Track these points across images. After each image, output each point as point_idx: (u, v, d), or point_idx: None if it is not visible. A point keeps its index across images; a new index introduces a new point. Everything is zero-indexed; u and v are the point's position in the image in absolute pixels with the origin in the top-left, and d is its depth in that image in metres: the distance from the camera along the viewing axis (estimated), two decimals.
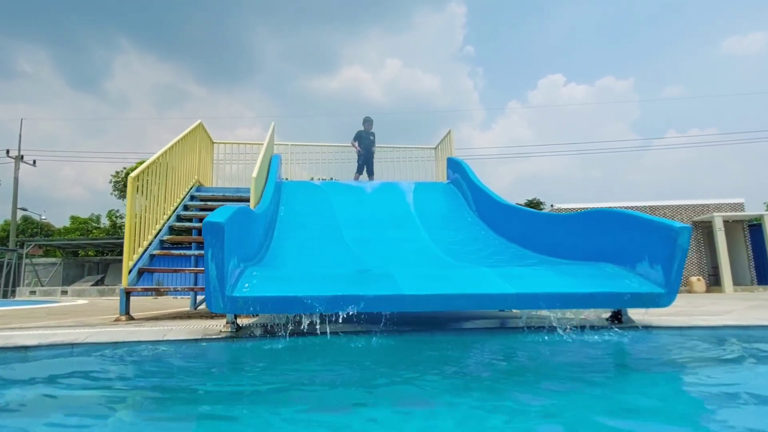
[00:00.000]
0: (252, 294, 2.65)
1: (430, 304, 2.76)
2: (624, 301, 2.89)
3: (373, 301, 2.70)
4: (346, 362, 2.41)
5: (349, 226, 5.63)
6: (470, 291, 2.81)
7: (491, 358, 2.47)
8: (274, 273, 3.14)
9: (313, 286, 2.80)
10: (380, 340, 2.86)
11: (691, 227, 2.85)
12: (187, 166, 6.73)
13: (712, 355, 2.54)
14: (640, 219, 3.15)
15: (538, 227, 4.66)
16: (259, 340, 2.90)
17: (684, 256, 2.86)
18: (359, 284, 2.85)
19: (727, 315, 4.45)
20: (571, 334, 3.00)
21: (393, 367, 2.21)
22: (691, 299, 9.92)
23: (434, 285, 2.94)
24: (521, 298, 2.81)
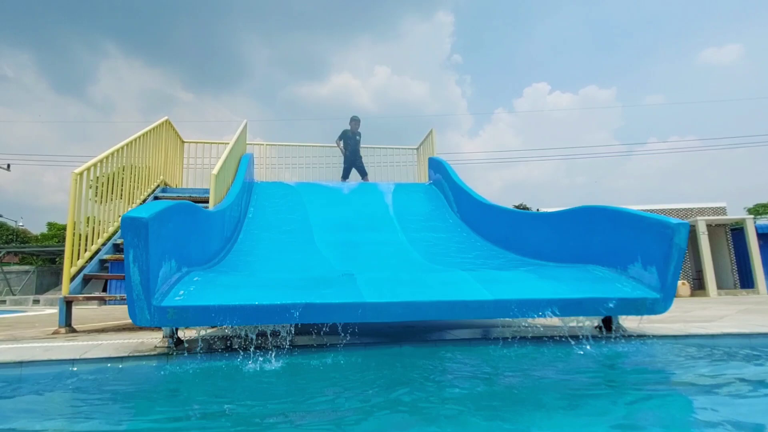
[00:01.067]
0: (186, 303, 2.25)
1: (395, 314, 2.40)
2: (614, 307, 2.57)
3: (328, 310, 2.32)
4: (291, 386, 2.02)
5: (321, 228, 5.25)
6: (442, 298, 2.45)
7: (459, 377, 2.10)
8: (222, 279, 2.74)
9: (259, 294, 2.41)
10: (339, 356, 2.48)
11: (689, 224, 2.55)
12: (151, 165, 6.28)
13: (714, 369, 2.22)
14: (632, 215, 2.84)
15: (521, 228, 4.34)
16: (204, 358, 2.49)
17: (681, 256, 2.55)
18: (313, 291, 2.46)
19: (722, 321, 4.17)
20: (557, 345, 2.66)
21: (338, 395, 1.83)
22: (678, 303, 9.73)
23: (403, 291, 2.58)
24: (500, 305, 2.46)
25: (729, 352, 2.60)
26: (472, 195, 5.55)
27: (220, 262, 3.70)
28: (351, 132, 7.85)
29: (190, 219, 2.94)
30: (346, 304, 2.33)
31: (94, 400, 1.80)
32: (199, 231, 3.19)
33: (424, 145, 8.11)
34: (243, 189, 5.58)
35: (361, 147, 8.23)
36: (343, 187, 6.83)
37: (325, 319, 2.36)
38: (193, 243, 3.06)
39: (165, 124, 6.86)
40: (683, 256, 2.55)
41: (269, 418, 1.50)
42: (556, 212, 3.69)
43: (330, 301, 2.33)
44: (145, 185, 6.06)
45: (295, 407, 1.63)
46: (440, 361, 2.49)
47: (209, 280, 2.63)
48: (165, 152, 6.88)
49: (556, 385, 1.91)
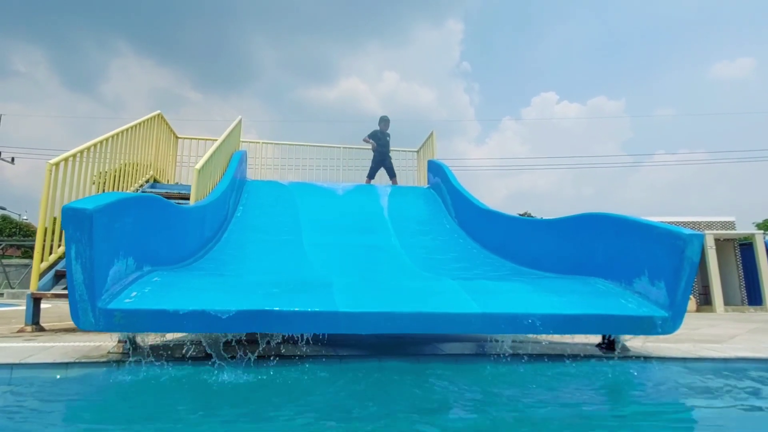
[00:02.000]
0: (135, 306, 2.01)
1: (370, 325, 2.14)
2: (617, 325, 2.30)
3: (293, 319, 2.07)
4: (244, 406, 1.77)
5: (312, 230, 5.01)
6: (425, 309, 2.19)
7: (438, 405, 1.84)
8: (187, 280, 2.50)
9: (222, 299, 2.17)
10: (311, 369, 2.22)
11: (703, 235, 2.29)
12: (140, 159, 6.08)
13: (732, 401, 1.94)
14: (639, 224, 2.58)
15: (520, 235, 4.07)
16: (161, 367, 2.25)
17: (693, 271, 2.28)
18: (282, 297, 2.22)
19: (734, 341, 3.88)
20: (553, 365, 2.39)
21: (292, 418, 1.58)
22: (684, 319, 9.39)
23: (382, 300, 2.33)
24: (488, 319, 2.20)
25: (747, 380, 2.32)
26: (470, 199, 5.29)
27: (196, 262, 3.46)
28: (380, 132, 7.50)
29: (156, 214, 2.71)
30: (314, 313, 2.08)
31: (10, 414, 1.56)
32: (169, 228, 2.96)
33: (425, 147, 7.88)
34: (231, 187, 5.35)
35: (359, 148, 8.00)
36: (338, 188, 6.60)
37: (289, 329, 2.11)
38: (161, 240, 2.83)
39: (157, 118, 6.67)
40: (695, 270, 2.28)
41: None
42: (556, 219, 3.43)
43: (296, 308, 2.08)
44: (132, 180, 5.86)
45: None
46: (422, 380, 2.23)
47: (170, 282, 2.39)
48: (156, 147, 6.68)
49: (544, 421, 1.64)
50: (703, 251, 16.69)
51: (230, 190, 5.27)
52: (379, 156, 7.46)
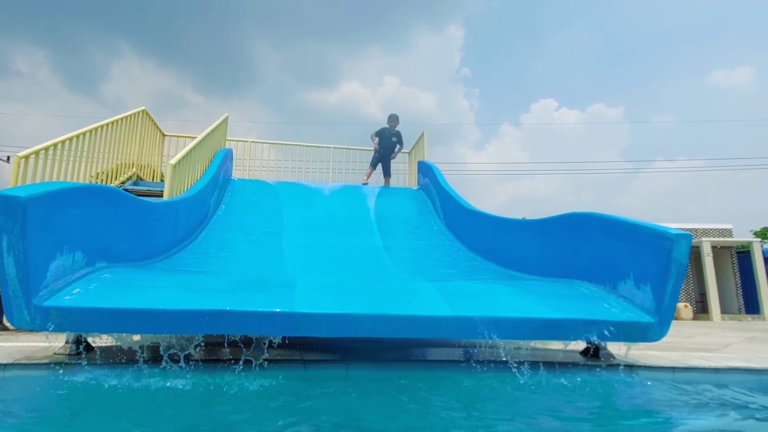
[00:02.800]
0: (74, 304, 1.85)
1: (331, 327, 1.98)
2: (598, 332, 2.14)
3: (247, 319, 1.91)
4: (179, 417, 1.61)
5: (293, 230, 4.85)
6: (391, 312, 2.04)
7: (390, 413, 1.68)
8: (142, 278, 2.34)
9: (174, 297, 2.01)
10: (260, 377, 2.06)
11: (691, 235, 2.14)
12: (121, 157, 5.93)
13: (721, 414, 1.79)
14: (624, 224, 2.43)
15: (507, 237, 3.92)
16: (109, 370, 2.09)
17: (681, 273, 2.13)
18: (239, 297, 2.06)
19: (727, 350, 3.72)
20: (531, 373, 2.23)
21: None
22: (679, 327, 9.22)
23: (348, 302, 2.17)
24: (461, 323, 2.04)
25: (737, 391, 2.16)
26: (458, 201, 5.15)
27: (167, 259, 3.30)
28: (388, 130, 7.26)
29: (113, 207, 2.55)
30: (269, 314, 1.92)
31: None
32: (131, 223, 2.80)
33: (416, 148, 7.74)
34: (213, 184, 5.20)
35: (348, 148, 7.86)
36: (325, 188, 6.45)
37: (243, 330, 1.95)
38: (120, 235, 2.67)
39: (141, 114, 6.53)
40: (683, 273, 2.13)
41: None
42: (542, 219, 3.28)
43: (249, 309, 1.92)
44: (113, 177, 5.70)
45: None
46: (385, 385, 2.07)
47: (122, 279, 2.23)
48: (140, 144, 6.53)
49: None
50: (700, 259, 16.61)
51: (211, 187, 5.12)
52: (384, 151, 7.25)
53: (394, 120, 7.24)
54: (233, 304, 1.95)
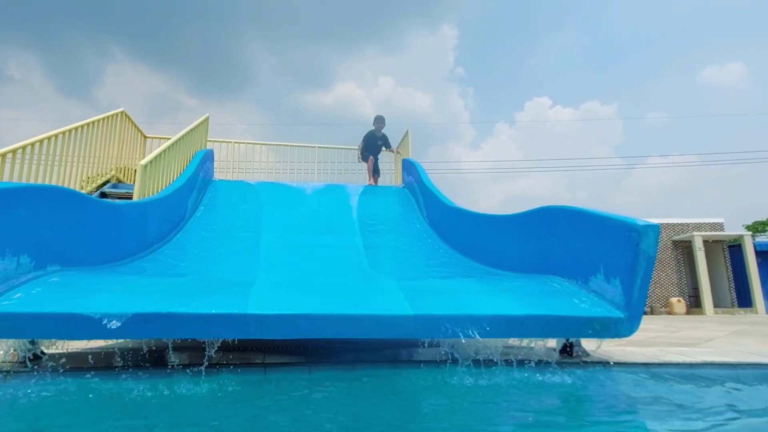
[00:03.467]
0: (13, 309, 1.76)
1: (286, 329, 1.90)
2: (566, 328, 2.07)
3: (197, 322, 1.83)
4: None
5: (272, 230, 4.76)
6: (347, 311, 1.95)
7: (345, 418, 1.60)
8: (93, 282, 2.24)
9: (122, 301, 1.92)
10: (215, 382, 1.97)
11: (659, 225, 2.07)
12: (99, 159, 5.81)
13: (690, 410, 1.72)
14: (593, 216, 2.37)
15: (484, 233, 3.85)
16: (56, 378, 1.99)
17: (650, 266, 2.07)
18: (189, 299, 1.97)
19: (709, 344, 3.67)
20: (505, 372, 2.15)
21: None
22: (670, 321, 9.20)
23: (307, 302, 2.09)
24: (421, 321, 1.97)
25: (710, 386, 2.10)
26: (439, 198, 5.07)
27: (131, 262, 3.20)
28: (375, 133, 7.13)
29: (68, 209, 2.46)
30: (220, 315, 1.83)
31: None
32: (89, 225, 2.71)
33: (401, 147, 7.66)
34: (190, 185, 5.10)
35: (335, 147, 7.78)
36: (308, 187, 6.36)
37: (191, 333, 1.86)
38: (77, 238, 2.58)
39: (120, 116, 6.42)
40: (652, 265, 2.06)
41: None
42: (516, 214, 3.21)
43: (198, 311, 1.83)
44: (90, 180, 5.59)
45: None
46: (350, 388, 2.00)
47: (71, 283, 2.14)
48: (119, 146, 6.42)
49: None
50: (693, 253, 16.63)
51: (188, 188, 5.02)
52: (373, 151, 7.16)
53: (380, 122, 7.14)
54: (181, 306, 1.86)
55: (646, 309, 16.92)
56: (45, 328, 1.79)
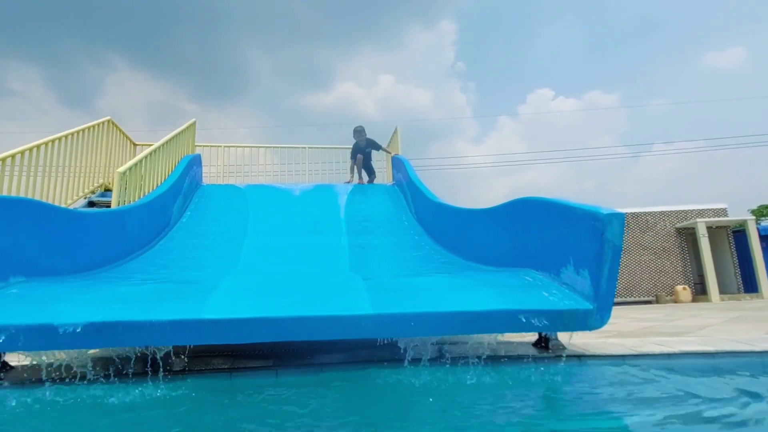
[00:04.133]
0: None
1: (243, 333, 1.86)
2: (533, 322, 2.02)
3: (150, 330, 1.79)
4: None
5: (258, 232, 4.74)
6: (307, 313, 1.91)
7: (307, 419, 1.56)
8: (52, 292, 2.21)
9: (77, 310, 1.89)
10: (180, 389, 1.95)
11: (623, 214, 2.01)
12: (85, 168, 5.81)
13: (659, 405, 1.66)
14: (561, 207, 2.31)
15: (467, 228, 3.80)
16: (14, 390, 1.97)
17: (617, 256, 2.01)
18: (144, 306, 1.94)
19: (700, 332, 3.60)
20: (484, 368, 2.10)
21: None
22: (672, 310, 9.09)
23: (267, 304, 2.05)
24: (380, 321, 1.92)
25: (683, 377, 2.04)
26: (425, 194, 5.02)
27: (106, 271, 3.18)
28: (359, 144, 6.88)
29: (32, 220, 2.43)
30: (173, 322, 1.80)
31: None
32: (57, 235, 2.68)
33: (391, 145, 7.61)
34: (175, 191, 5.09)
35: (324, 147, 7.74)
36: (296, 189, 6.33)
37: (146, 341, 1.83)
38: (44, 248, 2.55)
39: (107, 124, 6.42)
40: (619, 255, 2.00)
41: None
42: (493, 208, 3.16)
43: (150, 318, 1.80)
44: (77, 189, 5.59)
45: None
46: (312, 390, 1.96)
47: (29, 294, 2.11)
48: (107, 155, 6.42)
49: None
50: (697, 240, 16.45)
51: (173, 194, 5.00)
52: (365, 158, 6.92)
53: (359, 134, 6.87)
54: (134, 314, 1.83)
55: (651, 298, 16.76)
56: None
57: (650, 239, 17.53)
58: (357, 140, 6.90)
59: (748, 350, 2.33)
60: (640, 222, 17.55)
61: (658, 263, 17.42)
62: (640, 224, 17.60)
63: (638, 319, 5.94)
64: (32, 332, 1.74)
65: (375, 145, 7.03)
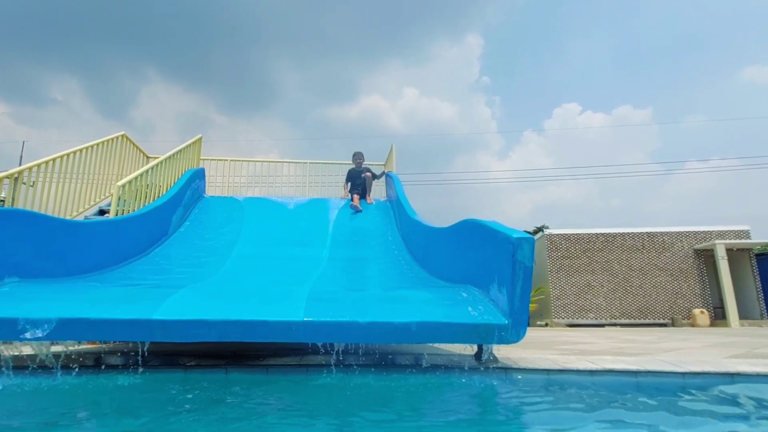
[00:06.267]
0: None
1: (187, 333, 2.13)
2: (451, 334, 2.21)
3: (108, 327, 2.08)
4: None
5: (247, 242, 5.06)
6: (242, 317, 2.17)
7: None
8: (35, 292, 2.54)
9: (49, 308, 2.20)
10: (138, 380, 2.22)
11: (533, 238, 2.19)
12: (98, 179, 6.30)
13: (558, 418, 1.81)
14: (488, 230, 2.50)
15: (432, 244, 4.00)
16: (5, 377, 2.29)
17: (527, 276, 2.18)
18: (108, 305, 2.23)
19: (661, 354, 3.65)
20: (387, 377, 2.30)
21: None
22: (674, 333, 8.91)
23: (215, 308, 2.31)
24: (310, 327, 2.15)
25: (596, 390, 2.18)
26: (406, 210, 5.25)
27: (98, 275, 3.53)
28: (356, 169, 7.01)
29: (26, 228, 2.79)
30: (127, 321, 2.09)
31: None
32: (50, 241, 3.04)
33: (388, 162, 7.89)
34: (175, 202, 5.48)
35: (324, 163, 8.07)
36: (290, 202, 6.66)
37: (104, 336, 2.13)
38: (37, 253, 2.91)
39: (121, 139, 6.93)
40: (530, 275, 2.18)
41: None
42: (448, 227, 3.36)
43: (107, 316, 2.09)
44: (91, 196, 6.06)
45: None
46: (255, 390, 2.20)
47: (17, 293, 2.45)
48: (119, 166, 6.92)
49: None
50: (715, 262, 15.96)
51: (172, 205, 5.39)
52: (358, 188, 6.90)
53: (359, 157, 7.05)
54: (98, 312, 2.13)
55: (667, 321, 16.29)
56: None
57: (667, 260, 17.08)
58: (355, 164, 7.06)
59: (671, 371, 2.43)
60: (656, 242, 17.16)
61: (674, 285, 16.93)
62: (656, 245, 17.19)
63: (625, 340, 5.94)
64: (11, 324, 2.05)
65: (372, 172, 7.13)
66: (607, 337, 7.09)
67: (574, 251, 16.79)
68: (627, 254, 16.86)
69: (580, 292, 16.27)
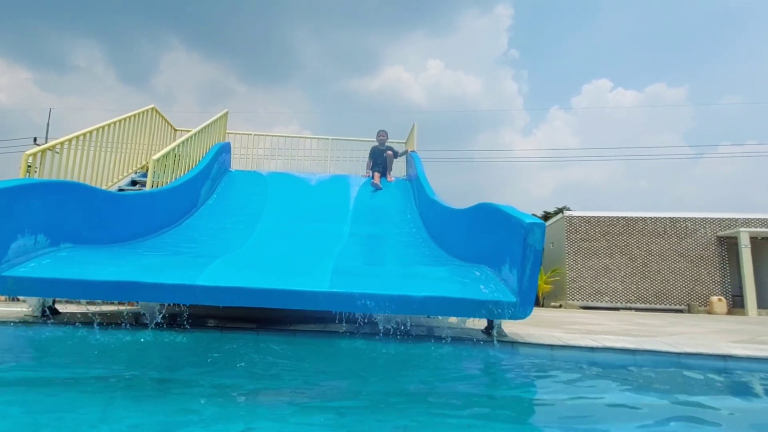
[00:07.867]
0: (24, 274, 2.36)
1: (227, 298, 2.39)
2: (465, 308, 2.41)
3: (158, 290, 2.35)
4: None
5: (271, 217, 5.31)
6: (275, 286, 2.41)
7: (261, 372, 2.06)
8: (89, 256, 2.83)
9: (104, 271, 2.48)
10: (184, 337, 2.51)
11: (544, 223, 2.34)
12: (131, 151, 6.61)
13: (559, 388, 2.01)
14: (502, 213, 2.65)
15: (449, 224, 4.17)
16: (64, 329, 2.62)
17: (537, 258, 2.35)
18: (156, 272, 2.50)
19: (664, 337, 3.80)
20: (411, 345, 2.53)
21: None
22: (686, 319, 8.96)
23: (249, 277, 2.56)
24: (335, 296, 2.38)
25: (593, 365, 2.37)
26: (426, 189, 5.40)
27: (138, 243, 3.83)
28: (379, 147, 7.17)
29: (76, 199, 3.07)
30: (174, 285, 2.35)
31: None
32: (97, 211, 3.32)
33: (409, 140, 7.97)
34: (204, 176, 5.75)
35: (346, 139, 8.21)
36: (313, 178, 6.87)
37: (155, 298, 2.40)
38: (87, 222, 3.20)
39: (150, 112, 7.20)
40: (540, 258, 2.34)
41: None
42: (465, 209, 3.51)
43: (158, 281, 2.36)
44: (121, 169, 6.39)
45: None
46: (279, 350, 2.46)
47: (75, 257, 2.74)
48: (150, 139, 7.22)
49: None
50: (737, 250, 15.67)
51: (201, 179, 5.66)
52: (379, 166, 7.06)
53: (382, 134, 7.22)
54: (147, 277, 2.40)
55: (683, 307, 16.22)
56: (50, 289, 2.39)
57: (688, 246, 16.82)
58: (378, 141, 7.24)
59: (667, 350, 2.60)
60: (678, 228, 16.88)
61: (694, 271, 16.73)
62: (679, 230, 16.91)
63: (634, 323, 6.07)
64: (74, 285, 2.34)
65: (394, 152, 7.29)
66: (618, 319, 7.22)
67: (594, 234, 16.67)
68: (648, 238, 16.66)
69: (597, 275, 16.26)
